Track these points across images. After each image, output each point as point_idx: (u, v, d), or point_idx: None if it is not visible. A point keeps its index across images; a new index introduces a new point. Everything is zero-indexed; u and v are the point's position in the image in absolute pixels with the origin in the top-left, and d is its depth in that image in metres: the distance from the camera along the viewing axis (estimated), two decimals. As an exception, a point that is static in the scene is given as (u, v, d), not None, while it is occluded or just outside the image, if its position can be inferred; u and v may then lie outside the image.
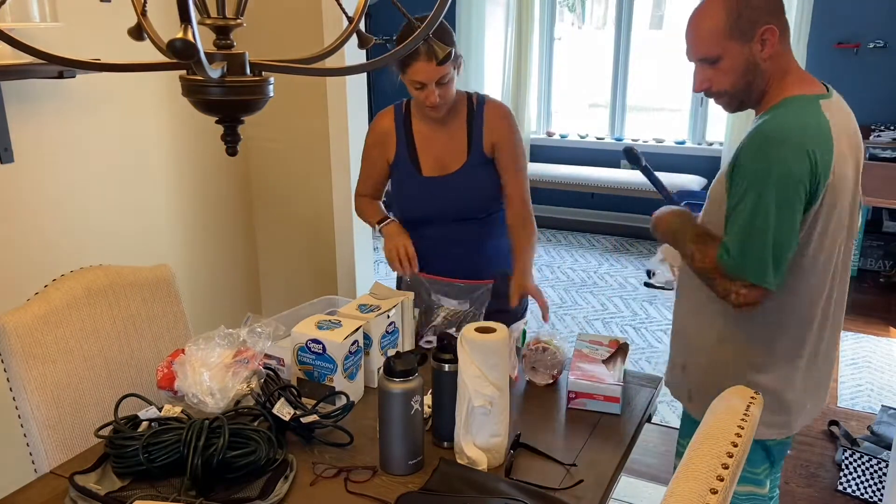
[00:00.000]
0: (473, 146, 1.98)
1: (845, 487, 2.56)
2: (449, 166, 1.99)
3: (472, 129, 1.98)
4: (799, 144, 1.37)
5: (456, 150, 1.99)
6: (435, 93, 1.84)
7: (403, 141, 2.02)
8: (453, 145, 1.99)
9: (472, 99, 2.00)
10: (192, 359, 1.52)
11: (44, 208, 2.27)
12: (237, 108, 0.91)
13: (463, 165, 1.98)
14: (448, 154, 1.99)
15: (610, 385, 1.58)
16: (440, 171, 2.00)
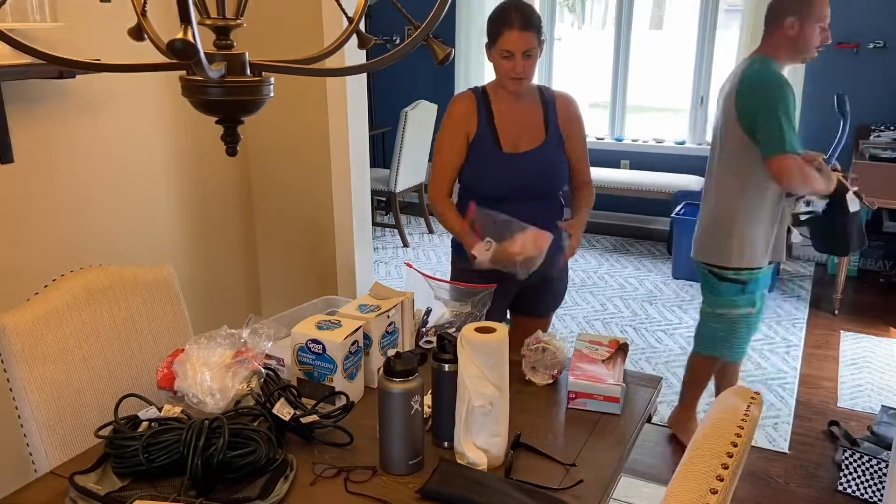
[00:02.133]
0: (550, 127, 2.15)
1: (845, 488, 2.56)
2: (524, 145, 2.13)
3: (547, 111, 2.16)
4: None
5: (533, 129, 2.14)
6: (521, 63, 2.01)
7: (484, 118, 2.13)
8: (531, 125, 2.14)
9: (542, 88, 2.20)
10: (192, 358, 1.52)
11: (44, 208, 2.27)
12: (237, 109, 0.91)
13: (541, 144, 2.14)
14: (525, 133, 2.14)
15: (610, 385, 1.58)
16: (516, 149, 2.13)
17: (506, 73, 2.06)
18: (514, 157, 2.13)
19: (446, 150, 2.17)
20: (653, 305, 4.43)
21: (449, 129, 2.17)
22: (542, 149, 2.14)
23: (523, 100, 2.15)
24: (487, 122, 2.13)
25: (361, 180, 2.95)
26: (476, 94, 2.17)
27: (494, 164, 2.14)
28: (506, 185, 2.14)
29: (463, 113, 2.15)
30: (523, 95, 2.14)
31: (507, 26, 1.99)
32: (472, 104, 2.15)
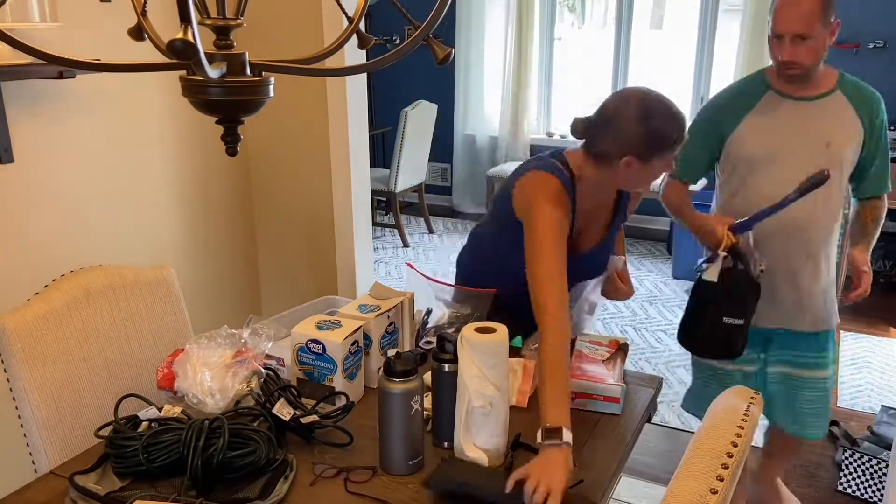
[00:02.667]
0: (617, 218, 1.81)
1: (845, 487, 2.56)
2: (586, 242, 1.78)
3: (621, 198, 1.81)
4: None
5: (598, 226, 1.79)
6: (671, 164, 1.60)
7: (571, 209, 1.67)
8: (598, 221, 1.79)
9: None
10: (192, 358, 1.52)
11: (44, 208, 2.27)
12: (237, 109, 0.91)
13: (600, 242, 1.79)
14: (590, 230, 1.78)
15: (610, 385, 1.58)
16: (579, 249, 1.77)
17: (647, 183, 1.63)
18: (578, 258, 1.73)
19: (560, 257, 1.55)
20: (653, 305, 4.43)
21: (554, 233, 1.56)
22: (602, 246, 1.79)
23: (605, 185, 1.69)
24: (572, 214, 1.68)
25: (361, 180, 2.95)
26: (566, 188, 1.64)
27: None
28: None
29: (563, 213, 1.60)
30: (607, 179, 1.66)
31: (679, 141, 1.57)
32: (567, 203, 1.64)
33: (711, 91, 5.51)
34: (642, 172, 1.59)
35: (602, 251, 1.82)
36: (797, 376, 2.12)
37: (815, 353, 2.11)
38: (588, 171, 1.67)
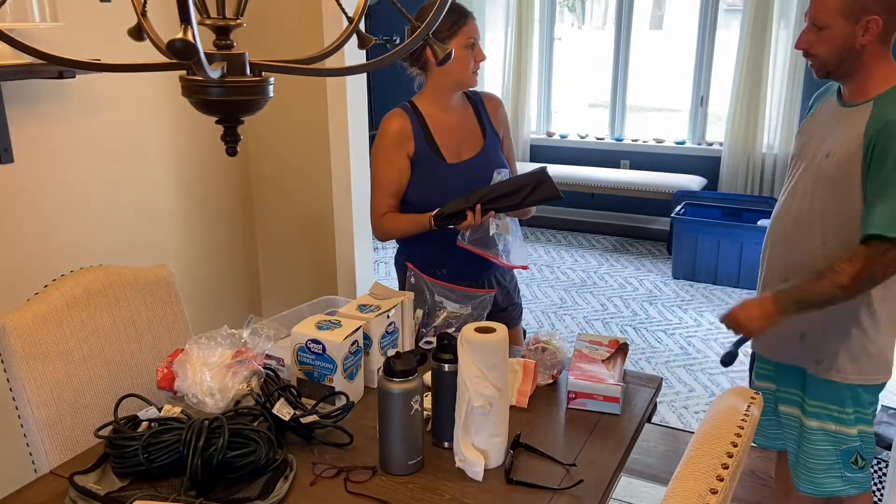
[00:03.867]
0: (487, 129, 2.11)
1: (845, 487, 2.55)
2: (465, 152, 2.08)
3: (479, 114, 2.11)
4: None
5: (471, 135, 2.09)
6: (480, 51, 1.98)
7: (421, 134, 2.05)
8: (468, 131, 2.09)
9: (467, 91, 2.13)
10: (192, 358, 1.52)
11: (44, 208, 2.27)
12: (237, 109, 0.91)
13: (482, 149, 2.09)
14: (464, 140, 2.08)
15: (610, 385, 1.58)
16: (459, 158, 2.07)
17: (467, 66, 1.98)
18: (459, 167, 2.06)
19: (384, 176, 2.05)
20: (653, 305, 4.43)
21: (384, 152, 2.05)
22: (484, 152, 2.09)
23: (454, 107, 2.09)
24: (425, 136, 2.05)
25: (361, 180, 2.95)
26: (407, 110, 2.06)
27: (441, 178, 2.04)
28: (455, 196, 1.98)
29: (398, 132, 2.03)
30: (453, 102, 2.08)
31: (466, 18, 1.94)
32: (406, 121, 2.04)
33: (711, 91, 5.52)
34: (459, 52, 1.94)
35: (485, 158, 2.08)
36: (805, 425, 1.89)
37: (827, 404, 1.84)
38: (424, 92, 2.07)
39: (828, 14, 1.64)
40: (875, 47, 1.64)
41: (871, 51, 1.64)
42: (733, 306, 1.81)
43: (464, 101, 2.12)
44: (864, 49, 1.64)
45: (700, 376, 3.54)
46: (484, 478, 1.35)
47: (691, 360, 3.73)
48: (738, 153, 5.28)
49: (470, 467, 1.36)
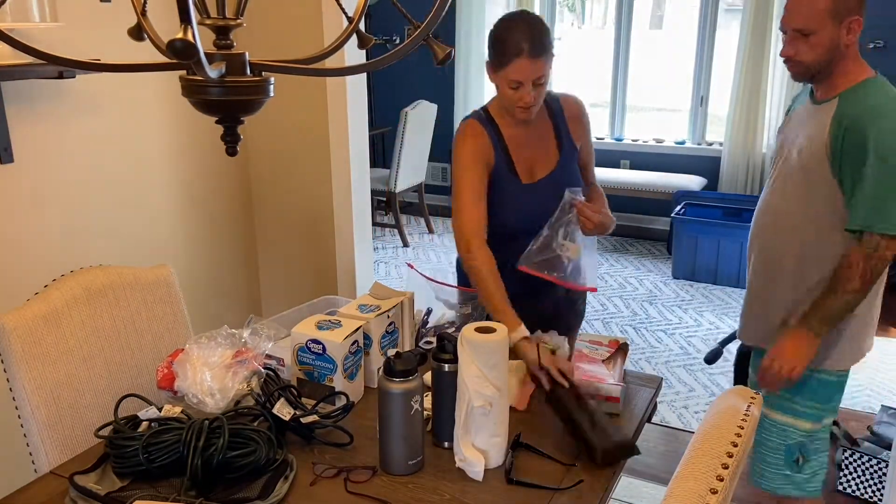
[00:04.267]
0: (563, 143, 1.92)
1: (845, 487, 2.55)
2: (540, 170, 1.91)
3: (558, 125, 1.92)
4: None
5: (547, 150, 1.91)
6: (531, 93, 1.74)
7: (499, 149, 1.87)
8: (544, 146, 1.91)
9: (547, 97, 1.91)
10: (192, 358, 1.52)
11: (44, 208, 2.27)
12: (237, 108, 0.91)
13: (556, 167, 1.91)
14: (540, 157, 1.91)
15: (610, 385, 1.58)
16: (532, 178, 1.90)
17: (513, 103, 1.78)
18: (533, 187, 1.89)
19: (472, 190, 1.82)
20: (653, 305, 4.43)
21: (467, 165, 1.83)
22: (558, 171, 1.90)
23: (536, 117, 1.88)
24: (503, 152, 1.87)
25: (361, 180, 2.95)
26: (482, 122, 1.88)
27: (514, 198, 1.88)
28: (527, 218, 1.87)
29: (478, 146, 1.85)
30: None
31: (516, 54, 1.69)
32: (484, 135, 1.86)
33: (711, 91, 5.51)
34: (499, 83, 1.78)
35: (558, 177, 1.91)
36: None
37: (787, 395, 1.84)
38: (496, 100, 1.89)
39: (816, 19, 1.62)
40: (853, 47, 1.67)
41: (850, 49, 1.67)
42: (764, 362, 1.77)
43: (543, 113, 1.91)
44: (847, 49, 1.66)
45: (700, 376, 3.54)
46: (484, 478, 1.35)
47: (691, 360, 3.72)
48: (738, 153, 5.28)
49: (470, 467, 1.36)
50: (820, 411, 1.85)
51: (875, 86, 1.68)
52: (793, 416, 1.85)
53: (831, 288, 1.69)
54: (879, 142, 1.60)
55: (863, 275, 1.64)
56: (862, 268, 1.64)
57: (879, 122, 1.61)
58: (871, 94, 1.66)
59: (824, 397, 1.84)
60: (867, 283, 1.66)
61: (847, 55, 1.68)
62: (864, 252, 1.64)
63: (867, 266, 1.64)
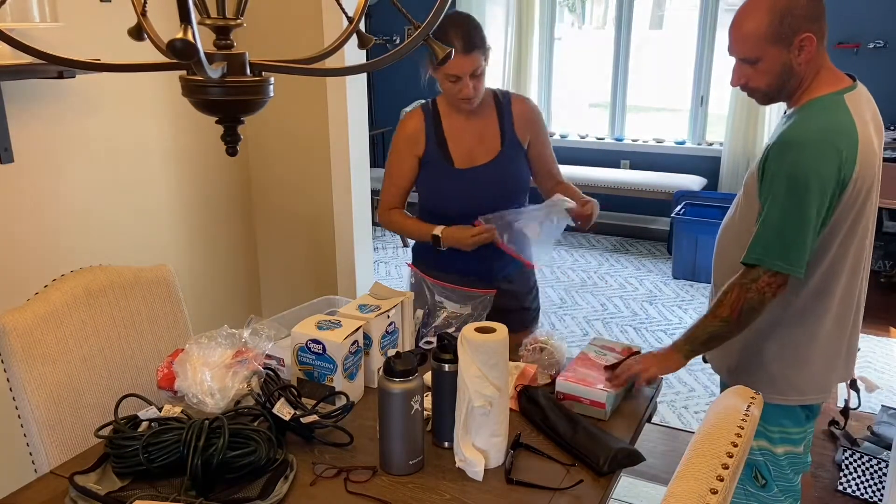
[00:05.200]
0: (506, 136, 2.02)
1: (845, 487, 2.56)
2: (480, 158, 2.02)
3: (503, 120, 2.03)
4: (823, 144, 1.46)
5: (488, 141, 2.03)
6: (469, 85, 1.90)
7: (433, 137, 2.03)
8: (485, 137, 2.03)
9: (497, 93, 2.07)
10: (192, 358, 1.52)
11: (44, 208, 2.27)
12: (237, 109, 0.91)
13: (497, 156, 2.02)
14: (480, 146, 2.02)
15: (597, 390, 1.57)
16: (469, 164, 2.02)
17: (453, 95, 1.93)
18: (468, 172, 2.01)
19: (395, 173, 2.08)
20: (653, 305, 4.43)
21: (396, 150, 2.07)
22: (498, 160, 2.01)
23: (477, 110, 2.02)
24: (437, 139, 2.03)
25: (361, 180, 2.95)
26: (425, 111, 2.06)
27: (447, 182, 2.03)
28: (461, 202, 2.01)
29: (410, 133, 2.05)
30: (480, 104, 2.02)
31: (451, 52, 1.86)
32: (420, 122, 2.04)
33: (711, 91, 5.52)
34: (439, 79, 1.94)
35: (497, 167, 2.01)
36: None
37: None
38: None
39: (758, 46, 1.50)
40: (814, 59, 1.52)
41: (810, 65, 1.53)
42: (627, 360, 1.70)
43: (490, 106, 2.04)
44: (804, 66, 1.52)
45: (700, 376, 3.54)
46: (484, 478, 1.35)
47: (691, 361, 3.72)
48: (738, 153, 5.28)
49: (470, 467, 1.36)
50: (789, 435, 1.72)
51: (810, 111, 1.53)
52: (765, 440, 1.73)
53: (706, 312, 1.61)
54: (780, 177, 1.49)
55: (734, 304, 1.54)
56: (735, 297, 1.54)
57: (786, 156, 1.49)
58: (801, 121, 1.52)
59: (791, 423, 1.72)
60: (737, 314, 1.54)
61: (807, 73, 1.53)
62: (742, 282, 1.54)
63: (742, 297, 1.54)
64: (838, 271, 1.61)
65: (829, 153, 1.45)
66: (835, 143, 1.46)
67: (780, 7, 1.47)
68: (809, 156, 1.46)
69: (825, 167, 1.45)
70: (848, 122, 1.49)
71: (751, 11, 1.50)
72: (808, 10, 1.48)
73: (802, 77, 1.55)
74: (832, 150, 1.45)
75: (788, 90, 1.57)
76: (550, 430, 1.48)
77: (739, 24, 1.52)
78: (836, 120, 1.50)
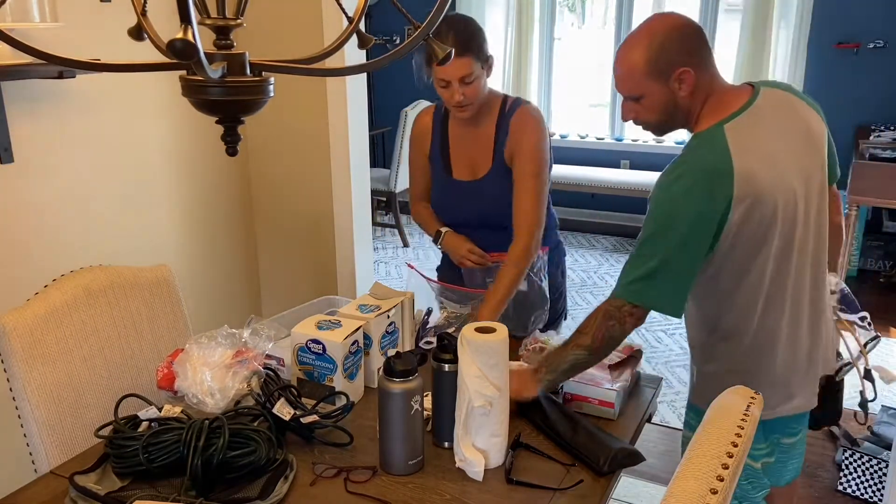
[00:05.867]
0: (496, 154, 1.91)
1: (845, 487, 2.56)
2: (477, 171, 1.96)
3: (498, 135, 1.91)
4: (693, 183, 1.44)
5: (484, 155, 1.94)
6: (458, 91, 1.78)
7: (438, 140, 2.00)
8: (481, 150, 1.93)
9: (507, 103, 1.91)
10: (192, 358, 1.52)
11: (44, 208, 2.27)
12: (237, 109, 0.91)
13: (488, 172, 1.94)
14: (477, 158, 1.95)
15: (606, 390, 1.57)
16: (469, 176, 1.96)
17: (446, 100, 1.84)
18: (463, 185, 1.96)
19: (413, 165, 2.09)
20: (653, 305, 4.43)
21: (411, 145, 2.08)
22: (489, 177, 1.93)
23: (480, 120, 1.91)
24: (441, 144, 1.98)
25: (361, 180, 2.95)
26: (436, 112, 2.00)
27: (445, 191, 2.00)
28: (454, 212, 1.99)
29: (419, 132, 2.03)
30: (482, 114, 1.90)
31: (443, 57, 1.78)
32: (429, 122, 2.00)
33: (711, 91, 5.51)
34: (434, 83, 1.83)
35: (487, 184, 1.93)
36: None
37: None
38: None
39: (636, 84, 1.49)
40: (699, 90, 1.48)
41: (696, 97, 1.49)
42: None
43: (492, 114, 1.91)
44: (688, 98, 1.49)
45: (700, 376, 3.54)
46: (484, 478, 1.35)
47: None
48: (738, 153, 5.27)
49: (470, 467, 1.36)
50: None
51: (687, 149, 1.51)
52: None
53: (568, 339, 1.58)
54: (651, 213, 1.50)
55: (596, 332, 1.53)
56: (598, 324, 1.54)
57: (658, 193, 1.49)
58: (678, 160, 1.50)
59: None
60: (598, 342, 1.53)
61: (693, 103, 1.50)
62: (608, 309, 1.55)
63: (604, 324, 1.54)
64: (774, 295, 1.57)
65: (698, 192, 1.42)
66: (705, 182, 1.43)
67: (655, 44, 1.45)
68: (679, 195, 1.45)
69: (694, 206, 1.43)
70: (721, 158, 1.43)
71: (629, 50, 1.48)
72: (681, 45, 1.45)
73: (689, 108, 1.51)
74: (701, 189, 1.43)
75: (679, 121, 1.54)
76: (550, 430, 1.48)
77: (620, 62, 1.50)
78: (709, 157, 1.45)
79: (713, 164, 1.43)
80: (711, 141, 1.46)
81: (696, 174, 1.44)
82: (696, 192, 1.43)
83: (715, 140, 1.45)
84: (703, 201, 1.43)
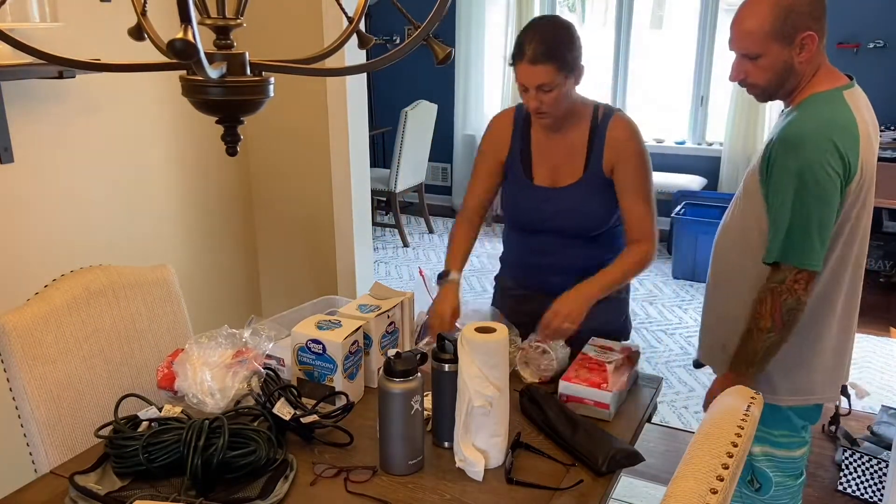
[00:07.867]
0: (591, 164, 1.83)
1: (845, 487, 2.56)
2: (561, 179, 1.86)
3: (592, 144, 1.83)
4: (826, 140, 1.46)
5: (573, 164, 1.85)
6: (535, 98, 1.71)
7: (518, 144, 1.90)
8: (570, 159, 1.85)
9: (598, 112, 1.84)
10: (192, 358, 1.52)
11: (44, 208, 2.27)
12: (237, 108, 0.91)
13: (577, 182, 1.84)
14: (563, 166, 1.86)
15: (601, 391, 1.57)
16: (552, 183, 1.87)
17: (525, 105, 1.79)
18: (545, 192, 1.87)
19: (476, 174, 1.96)
20: (653, 305, 4.43)
21: (481, 151, 1.95)
22: (577, 187, 1.84)
23: (567, 127, 1.83)
24: (521, 149, 1.89)
25: (361, 180, 2.95)
26: (517, 114, 1.90)
27: (524, 197, 1.90)
28: (533, 219, 1.90)
29: (496, 136, 1.92)
30: (568, 122, 1.82)
31: (519, 58, 1.69)
32: (508, 126, 1.90)
33: (711, 91, 5.51)
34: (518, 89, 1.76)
35: (575, 192, 1.85)
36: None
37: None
38: None
39: (757, 43, 1.49)
40: (813, 61, 1.53)
41: (810, 63, 1.53)
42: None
43: (583, 122, 1.83)
44: (804, 65, 1.53)
45: (700, 376, 3.54)
46: (484, 478, 1.35)
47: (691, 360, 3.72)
48: (738, 153, 5.28)
49: (470, 467, 1.36)
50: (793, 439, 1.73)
51: (811, 107, 1.52)
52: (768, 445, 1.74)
53: (749, 329, 1.58)
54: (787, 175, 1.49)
55: (772, 312, 1.52)
56: (770, 304, 1.52)
57: (790, 153, 1.48)
58: (802, 117, 1.51)
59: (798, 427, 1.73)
60: (779, 320, 1.52)
61: (806, 71, 1.53)
62: (771, 286, 1.53)
63: (776, 302, 1.52)
64: (842, 272, 1.60)
65: (833, 147, 1.45)
66: (837, 138, 1.46)
67: (784, 4, 1.47)
68: (814, 150, 1.46)
69: (831, 161, 1.45)
70: (848, 116, 1.49)
71: (754, 7, 1.50)
72: (810, 8, 1.48)
73: (802, 75, 1.55)
74: (835, 145, 1.45)
75: (787, 88, 1.57)
76: (550, 430, 1.48)
77: (742, 19, 1.52)
78: (837, 115, 1.50)
79: (843, 121, 1.48)
80: (835, 101, 1.50)
81: (828, 129, 1.47)
82: (831, 147, 1.45)
83: (839, 101, 1.50)
84: (837, 155, 1.46)
